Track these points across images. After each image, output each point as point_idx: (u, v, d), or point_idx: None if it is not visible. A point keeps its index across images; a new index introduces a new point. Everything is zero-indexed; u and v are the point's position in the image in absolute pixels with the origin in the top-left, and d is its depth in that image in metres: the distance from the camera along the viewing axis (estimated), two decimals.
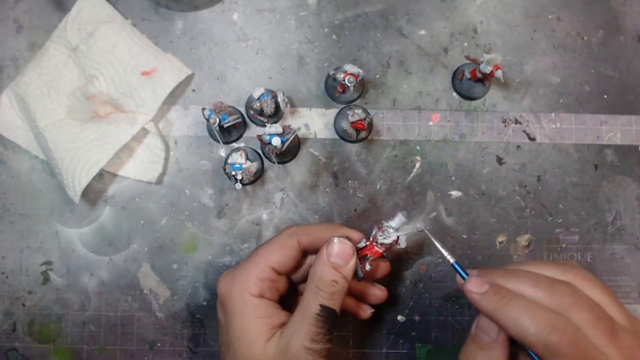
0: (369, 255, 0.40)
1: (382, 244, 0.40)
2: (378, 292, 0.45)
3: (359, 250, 0.40)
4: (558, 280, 0.35)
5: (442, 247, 0.39)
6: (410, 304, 0.50)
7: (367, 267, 0.40)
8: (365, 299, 0.45)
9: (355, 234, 0.41)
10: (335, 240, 0.38)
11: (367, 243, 0.40)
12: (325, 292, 0.37)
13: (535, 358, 0.35)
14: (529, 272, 0.36)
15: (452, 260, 0.38)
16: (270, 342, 0.37)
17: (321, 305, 0.36)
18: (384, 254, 0.41)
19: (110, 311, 0.49)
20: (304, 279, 0.42)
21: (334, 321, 0.37)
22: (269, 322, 0.38)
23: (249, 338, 0.37)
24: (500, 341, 0.36)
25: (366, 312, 0.44)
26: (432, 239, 0.40)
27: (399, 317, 0.50)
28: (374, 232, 0.40)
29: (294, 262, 0.40)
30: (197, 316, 0.49)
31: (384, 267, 0.44)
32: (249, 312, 0.38)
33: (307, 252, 0.42)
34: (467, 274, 0.37)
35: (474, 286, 0.35)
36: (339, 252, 0.38)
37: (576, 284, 0.35)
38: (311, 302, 0.37)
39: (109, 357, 0.49)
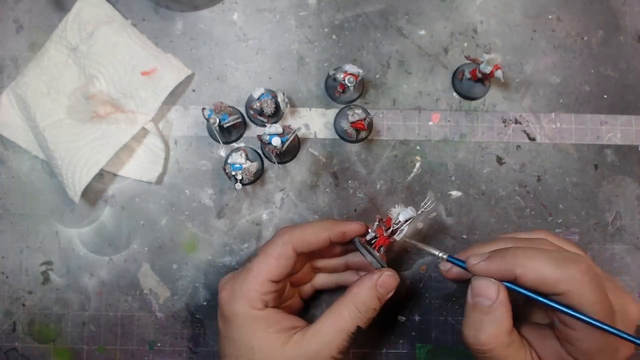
0: (382, 248, 0.41)
1: (390, 233, 0.41)
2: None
3: (371, 242, 0.41)
4: (533, 238, 0.38)
5: (431, 248, 0.40)
6: (410, 304, 0.50)
7: (382, 250, 0.41)
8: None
9: (354, 226, 0.42)
10: (386, 272, 0.40)
11: (376, 235, 0.41)
12: (365, 316, 0.39)
13: (551, 305, 0.35)
14: (506, 238, 0.39)
15: (445, 256, 0.40)
16: (289, 345, 0.38)
17: (357, 326, 0.39)
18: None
19: (110, 311, 0.49)
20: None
21: (358, 337, 0.40)
22: (280, 328, 0.39)
23: (264, 345, 0.38)
24: (502, 300, 0.36)
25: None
26: (416, 243, 0.41)
27: (399, 317, 0.50)
28: (377, 223, 0.41)
29: (290, 269, 0.41)
30: (197, 316, 0.49)
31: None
32: (259, 324, 0.39)
33: (305, 254, 0.42)
34: (462, 261, 0.38)
35: (476, 258, 0.37)
36: (387, 284, 0.40)
37: (547, 239, 0.38)
38: (349, 322, 0.39)
39: (109, 357, 0.49)
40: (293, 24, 0.51)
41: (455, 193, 0.50)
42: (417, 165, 0.50)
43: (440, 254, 0.40)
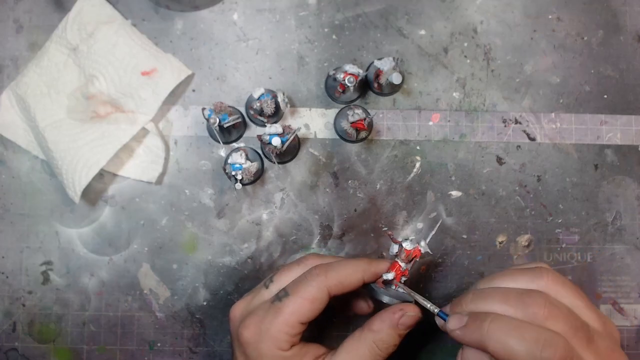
0: (402, 278, 0.41)
1: (406, 261, 0.41)
2: (364, 306, 0.45)
3: (392, 278, 0.41)
4: (528, 291, 0.35)
5: (424, 301, 0.39)
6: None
7: (403, 279, 0.41)
8: (351, 306, 0.45)
9: (383, 265, 0.41)
10: (409, 313, 0.39)
11: (394, 272, 0.40)
12: (384, 352, 0.38)
13: None
14: (496, 289, 0.36)
15: (436, 311, 0.38)
16: None
17: None
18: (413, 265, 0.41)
19: (110, 311, 0.49)
20: None
21: None
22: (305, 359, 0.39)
23: None
24: None
25: (370, 306, 0.44)
26: (411, 293, 0.40)
27: None
28: (394, 251, 0.41)
29: (322, 310, 0.39)
30: (197, 316, 0.49)
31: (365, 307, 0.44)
32: None
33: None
34: (446, 315, 0.37)
35: (455, 323, 0.35)
36: (409, 322, 0.39)
37: (548, 291, 0.35)
38: (367, 355, 0.38)
39: (109, 357, 0.49)
40: (293, 24, 0.51)
41: (455, 193, 0.50)
42: (417, 165, 0.50)
43: (432, 308, 0.39)
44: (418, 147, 0.50)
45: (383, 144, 0.50)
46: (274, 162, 0.48)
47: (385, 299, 0.40)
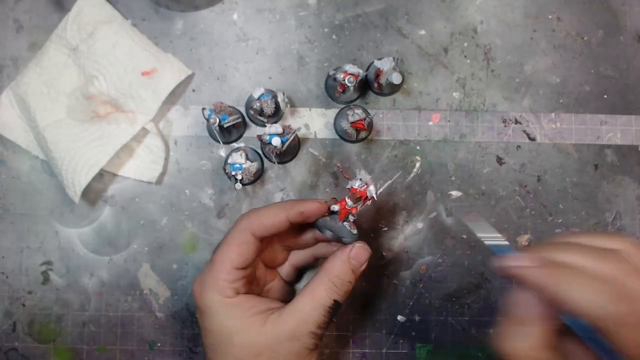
0: (350, 216, 0.41)
1: (353, 200, 0.40)
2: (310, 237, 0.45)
3: (334, 213, 0.41)
4: (607, 249, 0.34)
5: (492, 236, 0.38)
6: (410, 304, 0.50)
7: (351, 219, 0.41)
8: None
9: (312, 204, 0.41)
10: (357, 245, 0.40)
11: (339, 209, 0.40)
12: (341, 289, 0.40)
13: (588, 336, 0.33)
14: (576, 244, 0.35)
15: (506, 243, 0.37)
16: (266, 326, 0.38)
17: (334, 300, 0.39)
18: (362, 207, 0.41)
19: (110, 311, 0.49)
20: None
21: (337, 311, 0.40)
22: (255, 312, 0.39)
23: (242, 330, 0.39)
24: (544, 317, 0.34)
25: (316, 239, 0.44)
26: (476, 229, 0.39)
27: (399, 317, 0.50)
28: (348, 186, 0.41)
29: (253, 254, 0.41)
30: (197, 316, 0.49)
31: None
32: (233, 311, 0.39)
33: (264, 238, 0.41)
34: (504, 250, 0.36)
35: (526, 261, 0.34)
36: (360, 256, 0.40)
37: (626, 251, 0.34)
38: (325, 296, 0.39)
39: (109, 357, 0.49)
40: (293, 24, 0.51)
41: (455, 193, 0.50)
42: (417, 165, 0.50)
43: (493, 240, 0.37)
44: (418, 147, 0.50)
45: (383, 144, 0.50)
46: (274, 162, 0.48)
47: (328, 234, 0.40)
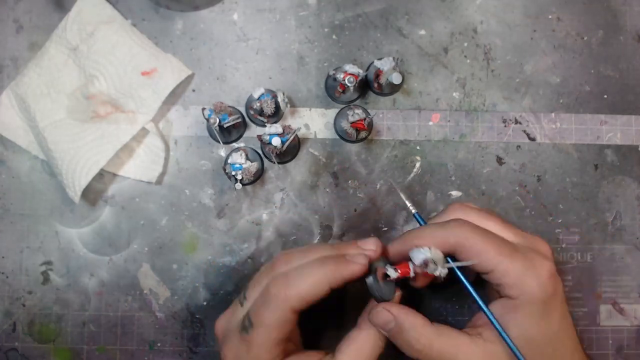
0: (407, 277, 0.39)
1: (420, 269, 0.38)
2: None
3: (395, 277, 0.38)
4: (447, 221, 0.39)
5: (408, 201, 0.44)
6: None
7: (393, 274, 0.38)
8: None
9: (357, 266, 0.37)
10: (377, 309, 0.39)
11: (399, 274, 0.38)
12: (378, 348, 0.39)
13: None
14: (419, 229, 0.40)
15: (413, 211, 0.43)
16: None
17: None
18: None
19: (110, 311, 0.49)
20: None
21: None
22: None
23: None
24: (400, 317, 0.38)
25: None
26: (400, 193, 0.44)
27: None
28: (416, 258, 0.38)
29: (293, 326, 0.38)
30: (197, 316, 0.49)
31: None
32: None
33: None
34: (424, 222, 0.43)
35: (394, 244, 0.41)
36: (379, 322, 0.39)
37: (465, 217, 0.40)
38: (369, 352, 0.39)
39: (109, 357, 0.49)
40: (293, 24, 0.51)
41: (455, 193, 0.50)
42: (417, 165, 0.50)
43: (411, 208, 0.43)
44: (418, 147, 0.50)
45: (383, 144, 0.50)
46: (274, 162, 0.48)
47: (378, 299, 0.38)
